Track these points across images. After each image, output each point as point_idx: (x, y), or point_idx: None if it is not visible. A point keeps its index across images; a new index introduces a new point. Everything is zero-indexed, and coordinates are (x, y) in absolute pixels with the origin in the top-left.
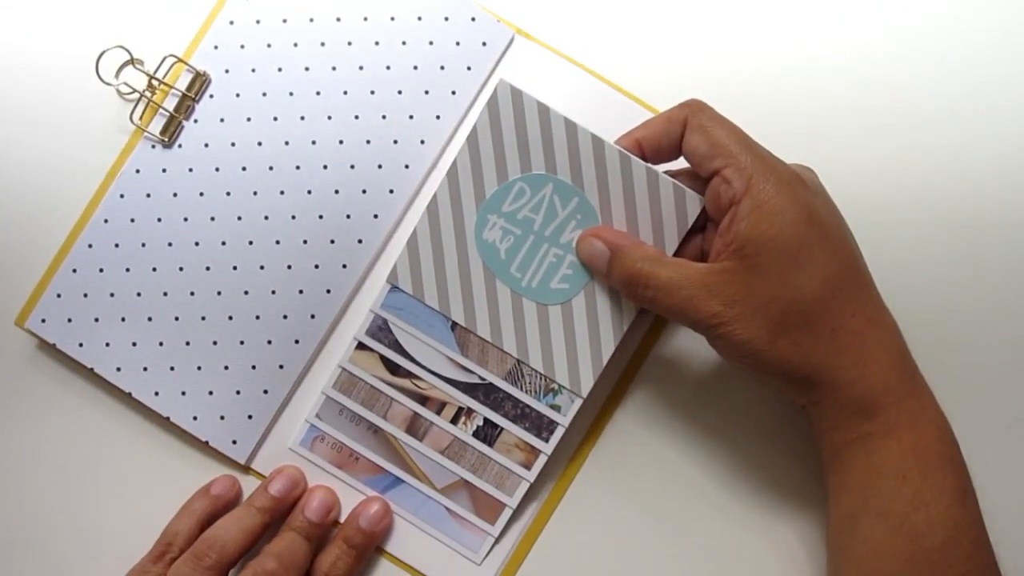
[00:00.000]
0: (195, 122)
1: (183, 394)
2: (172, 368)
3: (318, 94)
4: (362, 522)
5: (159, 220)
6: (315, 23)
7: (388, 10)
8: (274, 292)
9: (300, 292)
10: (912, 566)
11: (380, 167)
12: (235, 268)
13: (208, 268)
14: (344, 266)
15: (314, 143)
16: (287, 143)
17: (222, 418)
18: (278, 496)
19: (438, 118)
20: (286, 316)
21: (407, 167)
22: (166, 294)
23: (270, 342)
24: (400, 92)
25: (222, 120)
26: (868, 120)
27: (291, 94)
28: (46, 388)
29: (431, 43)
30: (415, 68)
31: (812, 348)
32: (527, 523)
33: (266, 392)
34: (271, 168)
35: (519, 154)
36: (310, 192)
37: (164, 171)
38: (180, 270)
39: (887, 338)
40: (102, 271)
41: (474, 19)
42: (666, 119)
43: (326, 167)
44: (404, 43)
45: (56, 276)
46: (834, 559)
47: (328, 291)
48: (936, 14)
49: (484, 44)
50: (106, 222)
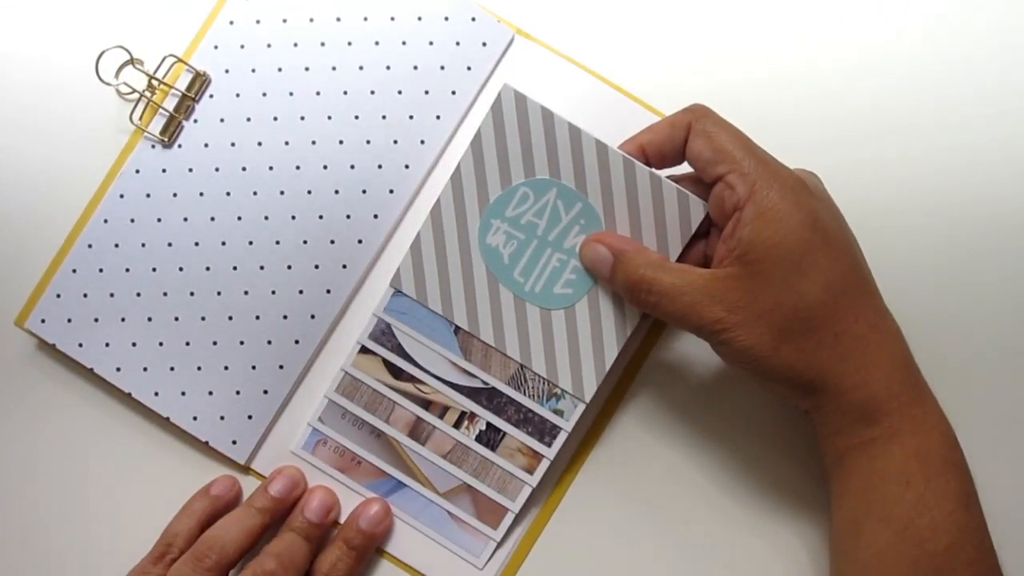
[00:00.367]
0: (195, 122)
1: (183, 394)
2: (172, 368)
3: (318, 94)
4: (362, 523)
5: (159, 220)
6: (315, 23)
7: (388, 10)
8: (274, 292)
9: (300, 292)
10: (916, 571)
11: (380, 167)
12: (235, 268)
13: (208, 268)
14: (344, 266)
15: (314, 143)
16: (287, 143)
17: (222, 418)
18: (278, 497)
19: (438, 118)
20: (286, 316)
21: (407, 167)
22: (166, 294)
23: (270, 342)
24: (400, 92)
25: (222, 120)
26: (871, 123)
27: (291, 94)
28: (46, 388)
29: (431, 43)
30: (415, 68)
31: (815, 354)
32: (528, 524)
33: (266, 392)
34: (271, 168)
35: (523, 159)
36: (310, 192)
37: (164, 171)
38: (180, 270)
39: (890, 343)
40: (102, 271)
41: (474, 19)
42: (670, 124)
43: (326, 167)
44: (404, 43)
45: (56, 276)
46: (837, 564)
47: (328, 291)
48: (939, 15)
49: (484, 44)
50: (106, 222)
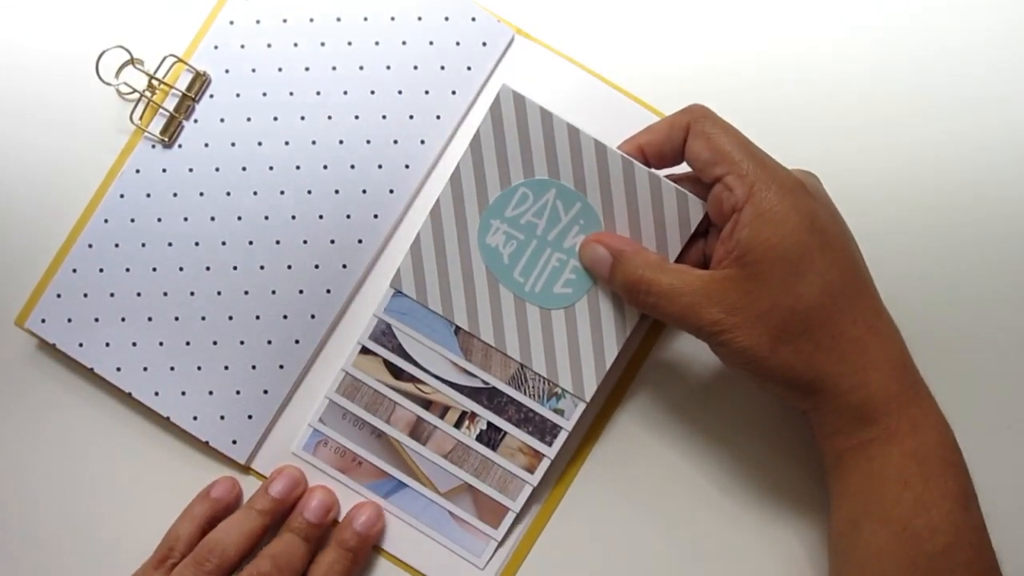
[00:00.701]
0: (195, 122)
1: (183, 394)
2: (172, 368)
3: (318, 94)
4: (356, 525)
5: (159, 220)
6: (315, 23)
7: (388, 10)
8: (274, 292)
9: (300, 292)
10: (914, 571)
11: (380, 167)
12: (235, 268)
13: (208, 268)
14: (344, 266)
15: (314, 143)
16: (287, 143)
17: (222, 418)
18: (278, 497)
19: (438, 118)
20: (286, 316)
21: (407, 167)
22: (166, 294)
23: (270, 342)
24: (400, 92)
25: (222, 120)
26: (869, 120)
27: (291, 94)
28: (46, 388)
29: (431, 43)
30: (415, 68)
31: (813, 355)
32: (528, 524)
33: (266, 392)
34: (271, 168)
35: (522, 159)
36: (310, 192)
37: (164, 171)
38: (180, 270)
39: (888, 345)
40: (102, 271)
41: (474, 19)
42: (669, 125)
43: (326, 167)
44: (404, 43)
45: (56, 276)
46: (836, 563)
47: (328, 291)
48: (941, 8)
49: (484, 44)
50: (106, 222)
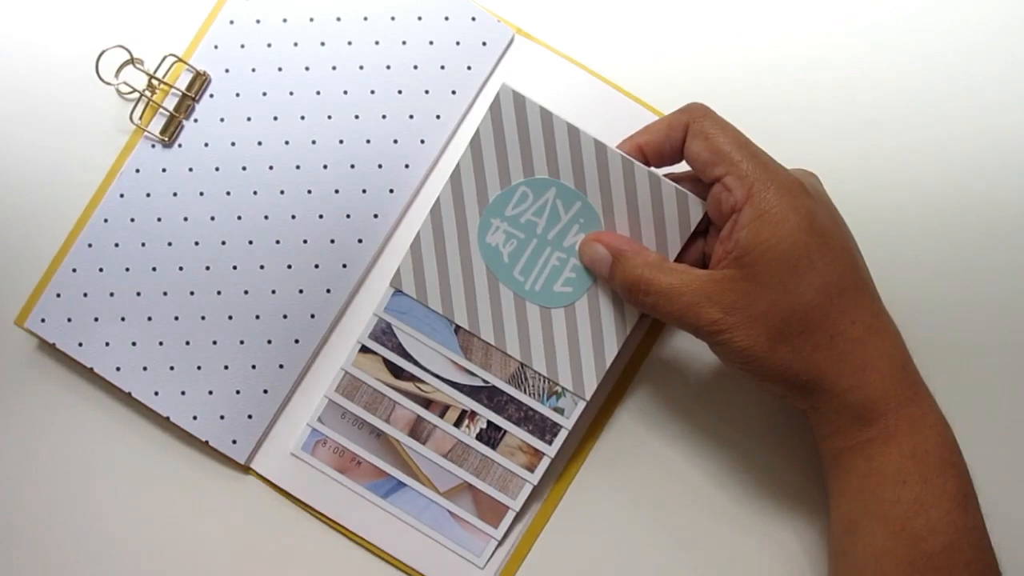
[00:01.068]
0: (195, 122)
1: (183, 394)
2: (172, 368)
3: (318, 94)
4: None
5: (159, 220)
6: (315, 23)
7: (388, 10)
8: (274, 292)
9: (300, 292)
10: (912, 571)
11: (380, 167)
12: (235, 268)
13: (208, 268)
14: (344, 266)
15: (314, 143)
16: (287, 143)
17: (222, 418)
18: None
19: (438, 118)
20: (286, 316)
21: (407, 167)
22: (166, 294)
23: (270, 342)
24: (400, 92)
25: (222, 120)
26: (869, 119)
27: (291, 94)
28: (46, 388)
29: (431, 43)
30: (415, 68)
31: (811, 355)
32: (527, 523)
33: (266, 392)
34: (271, 168)
35: (522, 158)
36: (310, 192)
37: (164, 171)
38: (180, 269)
39: (887, 345)
40: (102, 271)
41: (474, 19)
42: (668, 124)
43: (326, 167)
44: (404, 43)
45: (56, 276)
46: (835, 563)
47: (328, 291)
48: (942, 10)
49: (484, 44)
50: (106, 221)
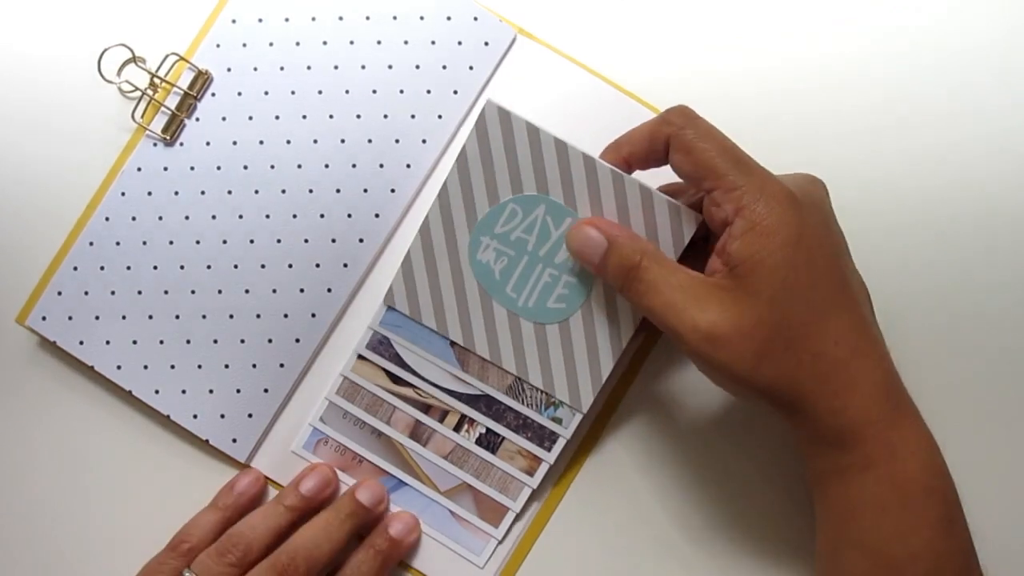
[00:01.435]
0: (197, 120)
1: (183, 392)
2: (172, 366)
3: (320, 93)
4: (392, 530)
5: (160, 218)
6: (317, 22)
7: (390, 9)
8: (275, 291)
9: (301, 291)
10: None
11: (382, 166)
12: (236, 267)
13: (209, 266)
14: (345, 265)
15: (316, 142)
16: (289, 142)
17: (222, 416)
18: (308, 495)
19: (440, 117)
20: (287, 315)
21: (409, 166)
22: (167, 292)
23: (271, 341)
24: (402, 91)
25: (224, 119)
26: (870, 119)
27: (293, 93)
28: (47, 386)
29: (433, 42)
30: (417, 67)
31: (793, 374)
32: (527, 524)
33: (266, 391)
34: (273, 167)
35: (510, 175)
36: (311, 191)
37: (166, 169)
38: (181, 268)
39: (871, 368)
40: (103, 269)
41: (476, 19)
42: (649, 136)
43: (328, 166)
44: (406, 42)
45: (57, 274)
46: None
47: (329, 290)
48: (937, 14)
49: (486, 44)
50: (107, 220)
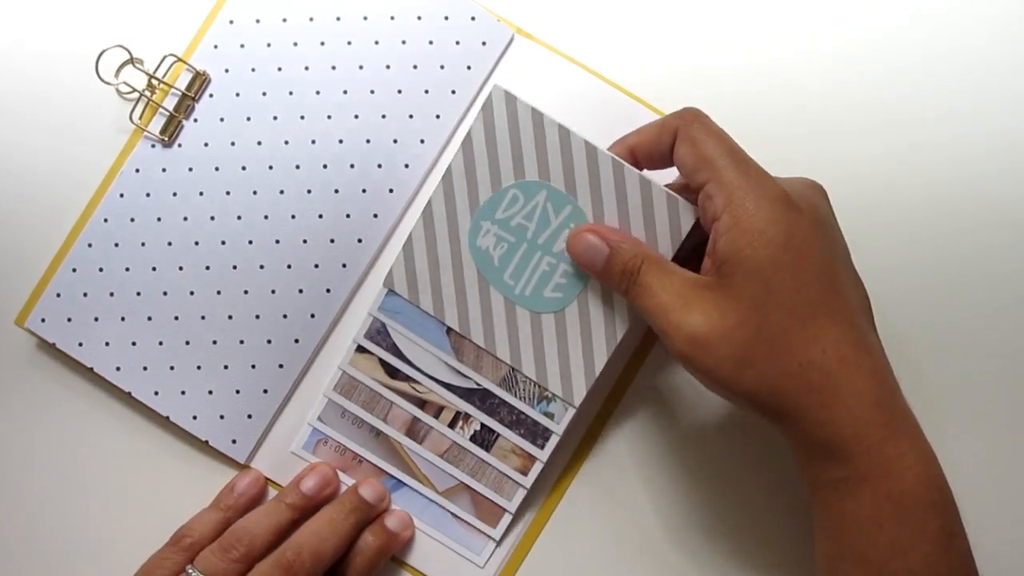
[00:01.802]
0: (195, 121)
1: (183, 393)
2: (172, 367)
3: (318, 93)
4: (388, 523)
5: (159, 219)
6: (315, 22)
7: (388, 9)
8: (274, 291)
9: (300, 291)
10: None
11: (380, 166)
12: (235, 267)
13: (208, 267)
14: (344, 265)
15: (314, 142)
16: (287, 142)
17: (222, 417)
18: (309, 494)
19: (438, 117)
20: (286, 315)
21: (407, 166)
22: (166, 293)
23: (270, 341)
24: (400, 91)
25: (222, 119)
26: (870, 120)
27: (291, 93)
28: (46, 387)
29: (431, 42)
30: (415, 67)
31: (778, 382)
32: (525, 526)
33: (266, 391)
34: (271, 167)
35: (513, 160)
36: (310, 191)
37: (164, 170)
38: (180, 269)
39: (862, 380)
40: (102, 270)
41: (474, 18)
42: (659, 127)
43: (326, 166)
44: (404, 42)
45: (56, 275)
46: None
47: (328, 290)
48: (937, 14)
49: (484, 43)
50: (106, 221)
